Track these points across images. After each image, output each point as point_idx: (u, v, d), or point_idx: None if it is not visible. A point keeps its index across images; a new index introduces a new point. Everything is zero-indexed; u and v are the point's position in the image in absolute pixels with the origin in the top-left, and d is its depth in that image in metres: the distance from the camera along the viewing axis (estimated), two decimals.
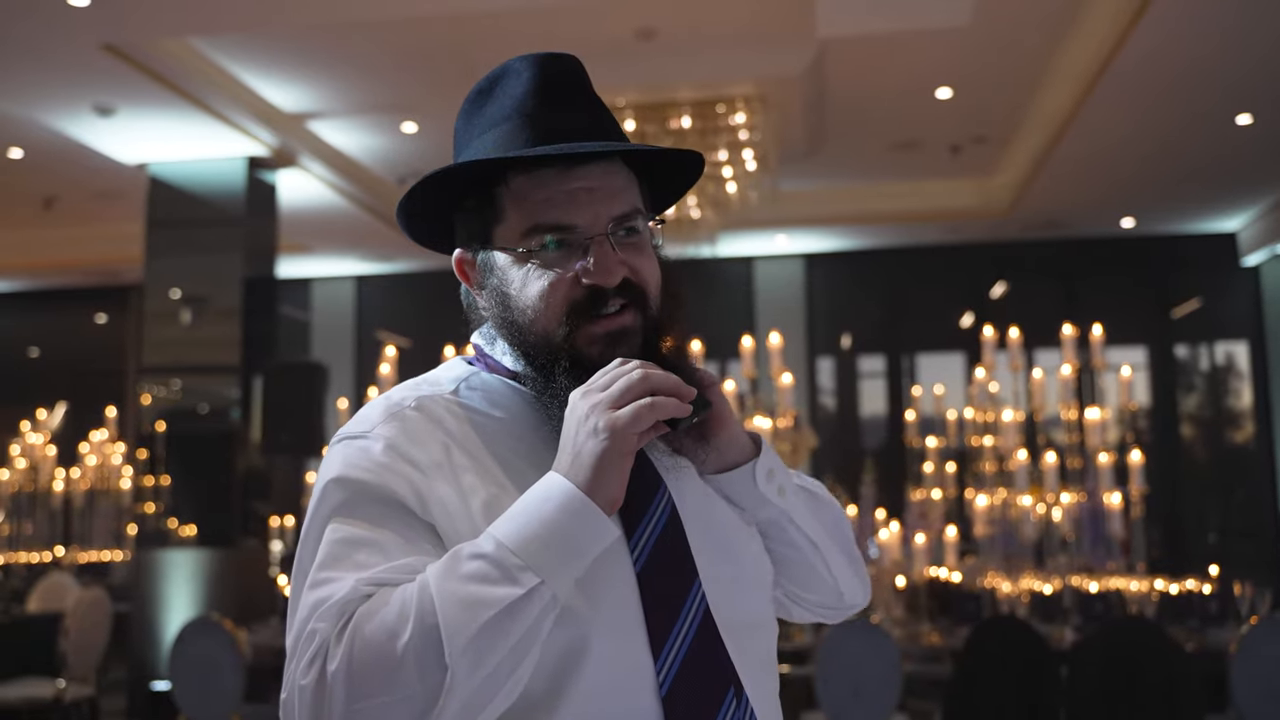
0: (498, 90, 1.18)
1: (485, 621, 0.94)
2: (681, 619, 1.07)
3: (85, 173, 8.12)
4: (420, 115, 7.37)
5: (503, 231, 1.16)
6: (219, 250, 7.57)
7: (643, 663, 1.05)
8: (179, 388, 7.65)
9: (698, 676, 1.06)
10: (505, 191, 1.15)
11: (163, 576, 7.19)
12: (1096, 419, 6.27)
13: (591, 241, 1.12)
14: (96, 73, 6.20)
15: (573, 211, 1.12)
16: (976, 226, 9.51)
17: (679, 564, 1.10)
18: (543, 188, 1.13)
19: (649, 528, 1.10)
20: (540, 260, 1.12)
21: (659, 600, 1.07)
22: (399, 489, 1.06)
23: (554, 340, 1.11)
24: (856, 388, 10.81)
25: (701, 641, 1.07)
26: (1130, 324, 10.03)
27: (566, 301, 1.11)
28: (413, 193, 1.19)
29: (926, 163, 8.51)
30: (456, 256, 1.22)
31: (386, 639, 0.94)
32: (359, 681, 0.93)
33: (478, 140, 1.18)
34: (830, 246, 10.35)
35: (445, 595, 0.95)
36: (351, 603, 0.98)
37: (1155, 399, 10.18)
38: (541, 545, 0.97)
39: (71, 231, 9.95)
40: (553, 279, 1.12)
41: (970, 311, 10.25)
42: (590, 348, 1.11)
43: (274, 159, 7.61)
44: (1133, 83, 6.36)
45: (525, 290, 1.13)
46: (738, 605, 1.13)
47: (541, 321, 1.12)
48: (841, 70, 6.72)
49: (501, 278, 1.15)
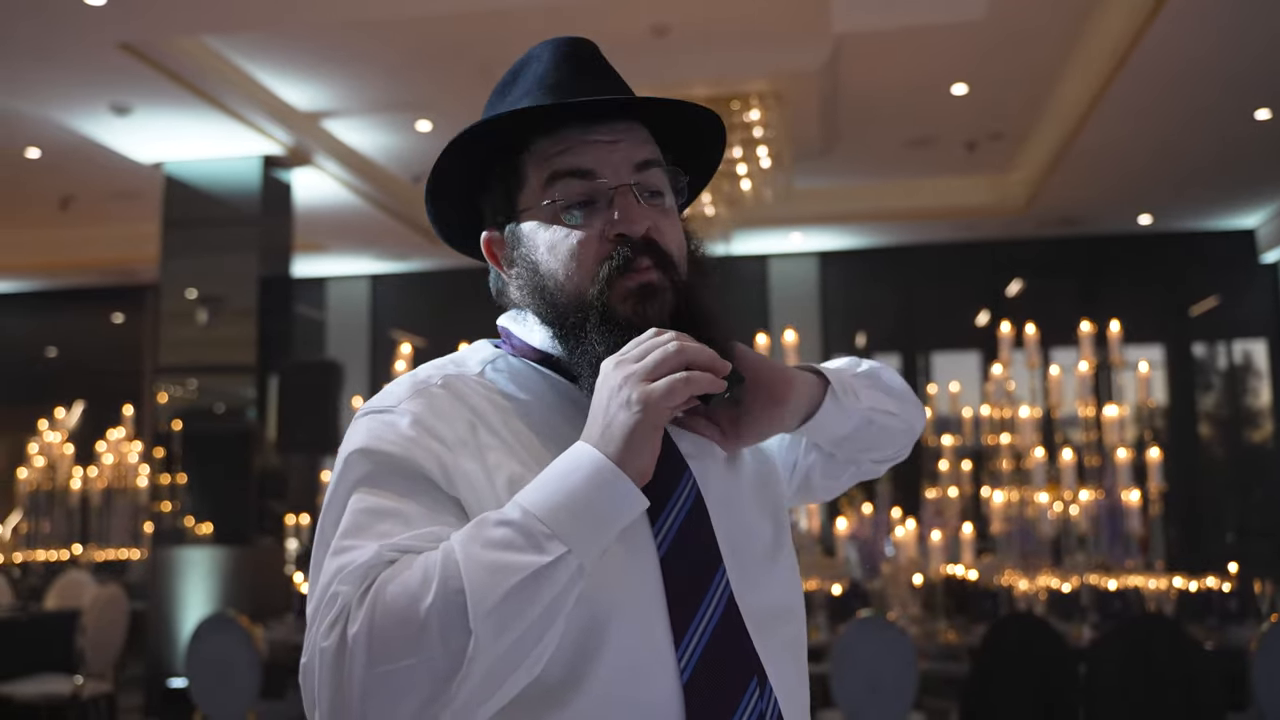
0: (521, 76, 1.19)
1: (511, 587, 0.92)
2: (704, 606, 1.06)
3: (102, 172, 8.16)
4: (435, 114, 7.38)
5: (526, 196, 1.16)
6: (234, 249, 7.59)
7: (664, 649, 1.04)
8: (195, 387, 7.67)
9: (720, 665, 1.05)
10: (528, 157, 1.16)
11: (179, 574, 7.21)
12: (1114, 416, 6.23)
13: (615, 193, 1.12)
14: (113, 72, 6.22)
15: (593, 159, 1.13)
16: (992, 224, 9.47)
17: (703, 550, 1.09)
18: (562, 142, 1.14)
19: (673, 513, 1.09)
20: (565, 212, 1.12)
21: (682, 587, 1.06)
22: (425, 463, 1.05)
23: (586, 297, 1.10)
24: None
25: (724, 629, 1.06)
26: (1148, 322, 9.97)
27: (597, 258, 1.11)
28: (438, 168, 1.18)
29: (942, 159, 8.48)
30: (485, 238, 1.21)
31: (409, 602, 0.92)
32: (380, 644, 0.91)
33: (493, 119, 1.17)
34: (845, 244, 10.32)
35: (470, 560, 0.93)
36: (375, 568, 0.96)
37: (1173, 398, 10.11)
38: (569, 515, 0.95)
39: (88, 231, 10.00)
40: (581, 237, 1.11)
41: (986, 310, 10.21)
42: (622, 304, 1.09)
43: (289, 158, 7.63)
44: (1150, 78, 6.32)
45: (555, 251, 1.12)
46: (763, 593, 1.12)
47: (575, 280, 1.11)
48: (856, 66, 6.69)
49: (530, 245, 1.15)
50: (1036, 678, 4.54)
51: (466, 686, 0.92)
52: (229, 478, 7.51)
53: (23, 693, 6.11)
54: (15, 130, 7.32)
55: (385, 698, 0.91)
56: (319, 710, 0.94)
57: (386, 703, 0.91)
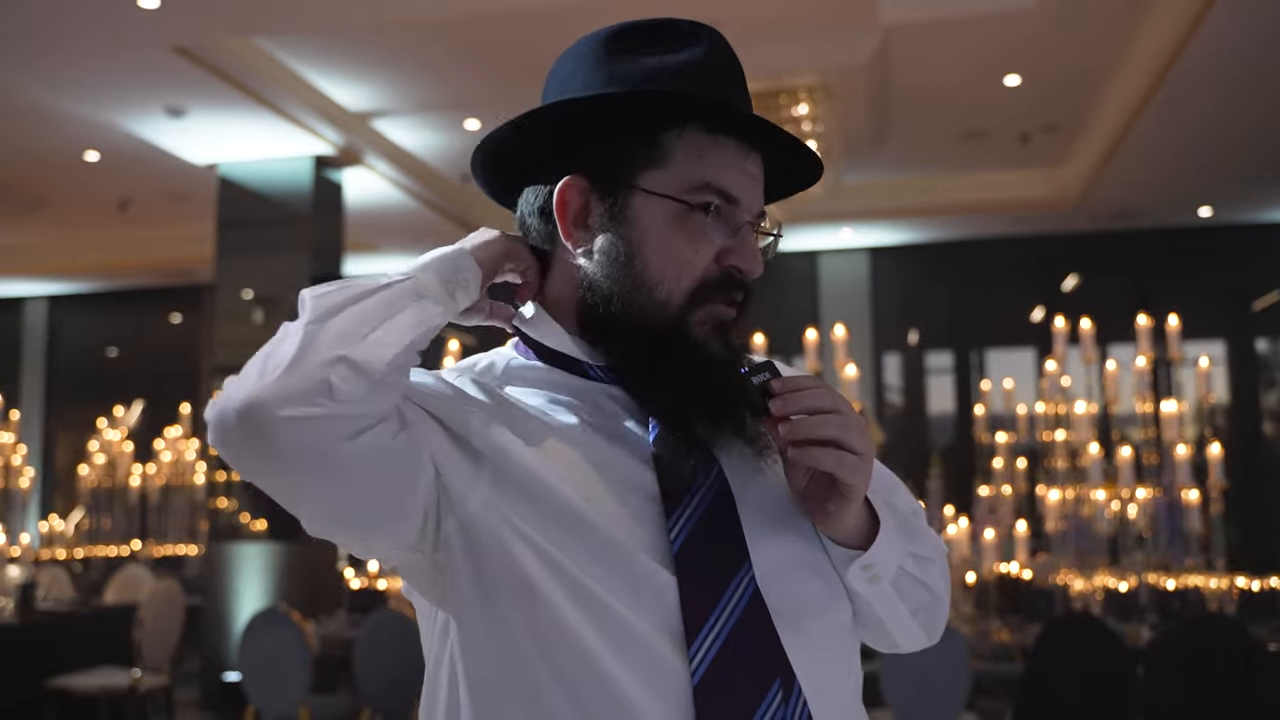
0: (662, 42, 1.10)
1: (345, 284, 1.01)
2: (723, 602, 1.00)
3: (158, 174, 8.29)
4: (483, 112, 7.40)
5: (660, 177, 1.07)
6: (287, 250, 7.67)
7: (673, 650, 0.98)
8: None
9: (737, 666, 0.99)
10: (678, 139, 1.08)
11: (234, 570, 7.31)
12: (1173, 412, 6.09)
13: (745, 225, 1.09)
14: (167, 74, 6.31)
15: (742, 189, 1.09)
16: (1046, 218, 9.32)
17: (726, 544, 1.03)
18: (722, 151, 1.08)
19: (692, 504, 1.04)
20: (705, 222, 1.07)
21: (698, 582, 1.00)
22: (453, 408, 1.07)
23: (673, 309, 1.06)
24: (924, 384, 10.65)
25: (746, 628, 1.00)
26: (1208, 317, 9.75)
27: (702, 275, 1.07)
28: (556, 108, 1.08)
29: (994, 152, 8.35)
30: (567, 182, 1.10)
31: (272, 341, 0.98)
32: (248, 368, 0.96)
33: (643, 78, 1.08)
34: (896, 239, 10.21)
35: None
36: None
37: (1235, 394, 9.88)
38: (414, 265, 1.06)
39: (146, 232, 10.18)
40: (702, 245, 1.07)
41: (1041, 305, 10.05)
42: (701, 326, 1.07)
43: (340, 158, 7.70)
44: (1207, 65, 6.17)
45: (662, 247, 1.06)
46: (798, 589, 1.06)
47: (669, 285, 1.06)
48: (906, 58, 6.61)
49: (633, 226, 1.07)
50: (1092, 679, 4.44)
51: (303, 334, 0.95)
52: None
53: (82, 685, 6.22)
54: (74, 134, 7.46)
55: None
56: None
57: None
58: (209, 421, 0.94)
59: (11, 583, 6.76)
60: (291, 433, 0.91)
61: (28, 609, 6.45)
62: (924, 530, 1.17)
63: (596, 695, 0.97)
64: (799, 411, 1.01)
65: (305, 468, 0.93)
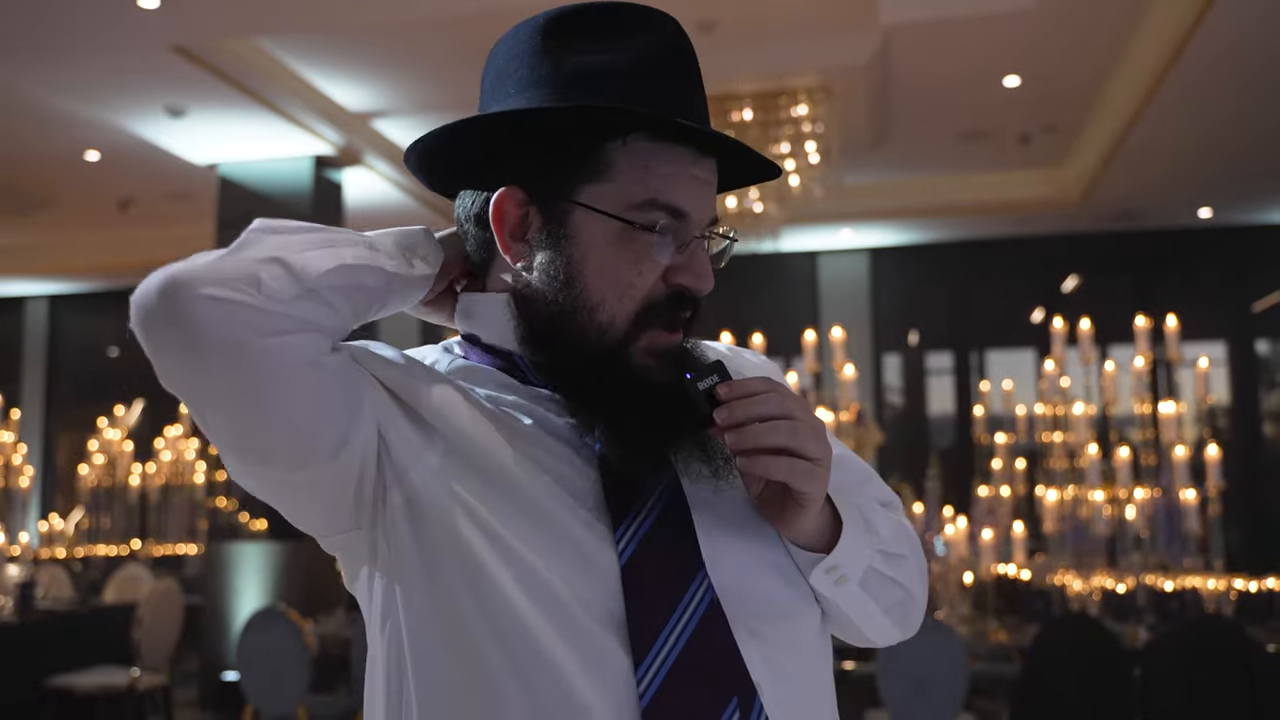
0: (606, 33, 1.03)
1: (300, 223, 1.00)
2: (676, 616, 0.95)
3: (158, 174, 8.30)
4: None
5: (602, 191, 1.01)
6: None
7: (619, 668, 0.93)
8: None
9: (691, 683, 0.93)
10: (621, 150, 1.01)
11: (234, 569, 7.31)
12: (1172, 413, 6.09)
13: (694, 241, 1.03)
14: (167, 74, 6.32)
15: (691, 201, 1.02)
16: (1046, 219, 9.32)
17: (679, 552, 0.98)
18: (671, 163, 1.02)
19: (641, 514, 0.99)
20: (644, 240, 1.00)
21: (648, 595, 0.95)
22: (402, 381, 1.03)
23: (614, 334, 1.00)
24: (924, 385, 10.66)
25: (701, 641, 0.95)
26: (1209, 319, 9.75)
27: (648, 297, 1.01)
28: (488, 119, 1.03)
29: (995, 153, 8.36)
30: (503, 194, 1.04)
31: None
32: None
33: (585, 81, 1.01)
34: (896, 240, 10.21)
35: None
36: None
37: (1235, 396, 9.88)
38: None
39: (147, 232, 10.18)
40: (646, 266, 1.00)
41: (1041, 307, 10.05)
42: (645, 357, 1.01)
43: (340, 158, 7.71)
44: (1208, 66, 6.17)
45: (603, 268, 1.00)
46: (759, 596, 1.01)
47: (611, 309, 1.00)
48: (906, 59, 6.61)
49: (574, 244, 1.01)
50: (1090, 680, 4.45)
51: (254, 233, 0.97)
52: None
53: (82, 684, 6.23)
54: (75, 133, 7.47)
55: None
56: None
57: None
58: (132, 301, 0.92)
59: (11, 582, 6.76)
60: (209, 312, 0.88)
61: (27, 608, 6.47)
62: (896, 525, 1.12)
63: (550, 692, 0.93)
64: (747, 419, 0.95)
65: (218, 355, 0.89)
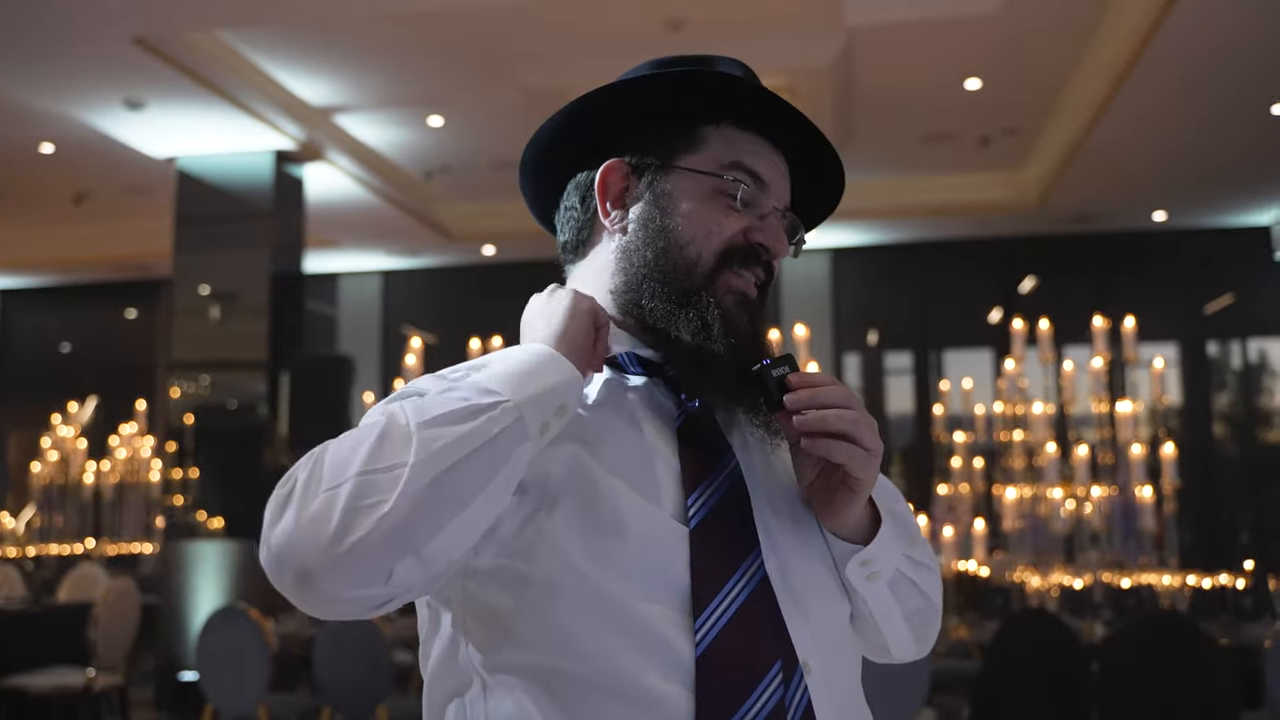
0: (702, 62, 1.20)
1: (453, 409, 0.96)
2: (733, 581, 1.04)
3: (115, 168, 8.19)
4: (447, 108, 7.38)
5: (694, 158, 1.17)
6: (247, 245, 7.61)
7: (679, 619, 1.01)
8: (207, 382, 7.70)
9: (742, 643, 1.01)
10: (715, 131, 1.18)
11: (191, 568, 7.23)
12: (1128, 413, 6.19)
13: (773, 212, 1.18)
14: (126, 66, 6.23)
15: (770, 174, 1.18)
16: (1006, 220, 9.43)
17: (739, 527, 1.08)
18: (753, 144, 1.18)
19: (711, 487, 1.08)
20: (734, 196, 1.15)
21: (710, 558, 1.04)
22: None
23: (702, 268, 1.13)
24: (883, 385, 10.74)
25: (753, 607, 1.03)
26: (1162, 320, 9.91)
27: (729, 241, 1.14)
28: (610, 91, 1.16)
29: (956, 155, 8.45)
30: (610, 164, 1.19)
31: (351, 442, 0.94)
32: (317, 478, 0.92)
33: (683, 63, 1.18)
34: (857, 240, 10.29)
35: (417, 403, 0.97)
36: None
37: (1187, 397, 10.05)
38: (504, 377, 1.01)
39: (102, 227, 10.04)
40: (728, 216, 1.15)
41: (999, 307, 10.17)
42: (725, 295, 1.13)
43: (301, 153, 7.64)
44: (1165, 72, 6.28)
45: (694, 214, 1.15)
46: (805, 577, 1.10)
47: (699, 245, 1.14)
48: (870, 61, 6.67)
49: (669, 198, 1.16)
50: (1049, 675, 4.51)
51: (403, 504, 0.90)
52: (241, 472, 7.54)
53: (36, 685, 6.13)
54: (30, 125, 7.35)
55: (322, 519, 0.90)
56: (269, 554, 0.92)
57: (322, 522, 0.90)
58: (263, 554, 0.94)
59: None
60: (342, 608, 0.94)
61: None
62: (921, 538, 1.23)
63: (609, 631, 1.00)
64: (814, 406, 1.05)
65: (344, 619, 0.97)
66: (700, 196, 1.15)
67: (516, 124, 6.75)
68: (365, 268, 11.08)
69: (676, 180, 1.16)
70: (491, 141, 7.83)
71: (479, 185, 8.89)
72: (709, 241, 1.14)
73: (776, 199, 1.18)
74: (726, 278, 1.14)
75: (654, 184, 1.17)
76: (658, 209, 1.16)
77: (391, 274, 11.21)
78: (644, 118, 1.19)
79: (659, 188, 1.17)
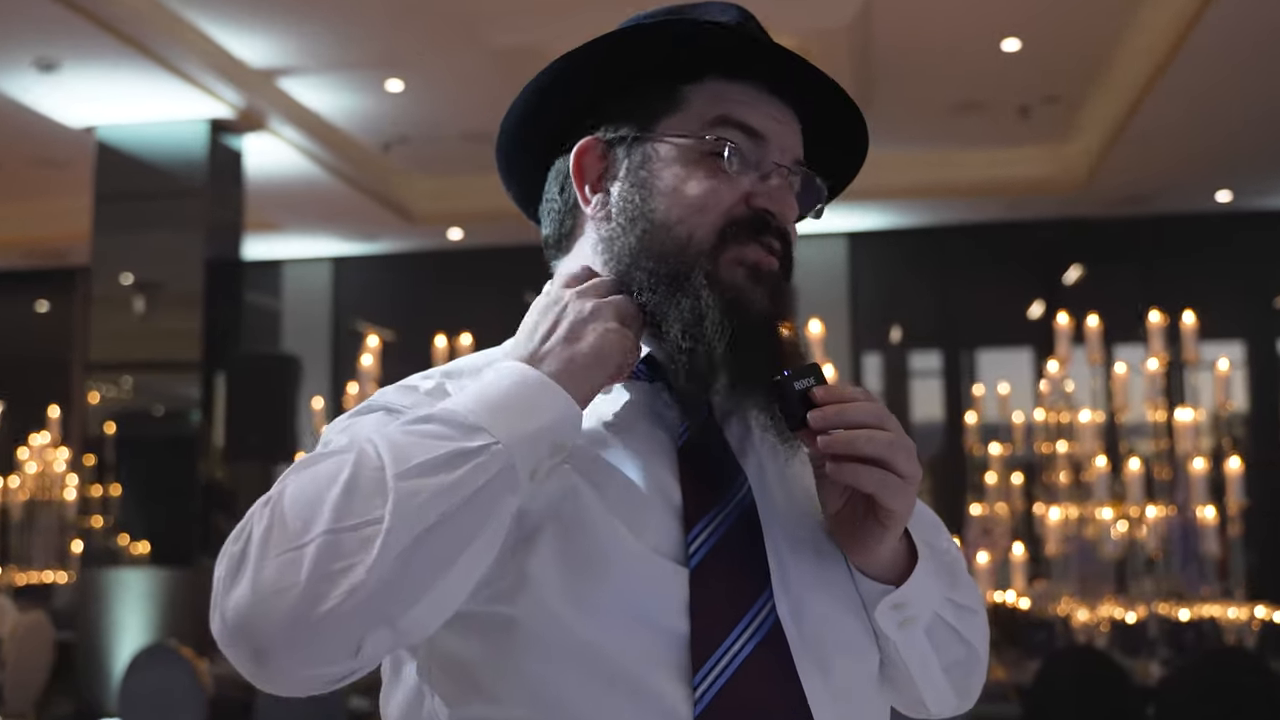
0: (691, 10, 1.19)
1: (434, 456, 0.92)
2: (740, 628, 1.02)
3: (24, 138, 8.16)
4: (408, 71, 7.37)
5: (675, 121, 1.15)
6: (177, 228, 7.60)
7: (676, 673, 0.99)
8: (131, 385, 7.68)
9: (748, 701, 1.00)
10: (695, 88, 1.16)
11: (112, 600, 7.21)
12: (1188, 421, 6.22)
13: (774, 169, 1.15)
14: (38, 21, 6.21)
15: (767, 125, 1.15)
16: (1048, 202, 9.45)
17: (748, 566, 1.06)
18: (744, 92, 1.15)
19: (715, 520, 1.06)
20: (723, 157, 1.12)
21: (714, 602, 1.02)
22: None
23: (696, 247, 1.10)
24: (908, 388, 10.77)
25: (761, 662, 1.02)
26: (1226, 315, 9.93)
27: (727, 213, 1.12)
28: (577, 59, 1.15)
29: (990, 127, 8.46)
30: (583, 143, 1.17)
31: (317, 485, 0.91)
32: (279, 531, 0.89)
33: (663, 14, 1.17)
34: (878, 224, 10.31)
35: (389, 437, 0.94)
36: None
37: (1255, 402, 10.09)
38: (490, 409, 0.97)
39: (10, 206, 10.00)
40: (723, 186, 1.12)
41: (1040, 300, 10.20)
42: (734, 269, 1.11)
43: (240, 122, 7.63)
44: (1230, 30, 6.29)
45: (683, 187, 1.12)
46: (826, 624, 1.08)
47: (690, 224, 1.11)
48: (892, 20, 6.68)
49: (653, 170, 1.14)
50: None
51: (379, 570, 0.87)
52: (170, 489, 7.52)
53: None
54: None
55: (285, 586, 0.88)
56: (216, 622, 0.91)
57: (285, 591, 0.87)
58: (215, 626, 0.91)
59: None
60: (301, 685, 0.92)
61: None
62: (965, 578, 1.21)
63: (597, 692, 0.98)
64: (842, 425, 1.03)
65: (302, 695, 0.96)
66: (685, 165, 1.13)
67: (486, 89, 6.75)
68: (313, 254, 11.06)
69: (654, 150, 1.15)
70: (458, 109, 7.82)
71: (444, 159, 8.88)
72: (702, 218, 1.11)
73: (779, 152, 1.15)
74: (735, 249, 1.11)
75: (631, 158, 1.15)
76: (636, 187, 1.14)
77: (343, 261, 11.19)
78: (626, 84, 1.17)
79: (636, 162, 1.15)
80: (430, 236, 10.47)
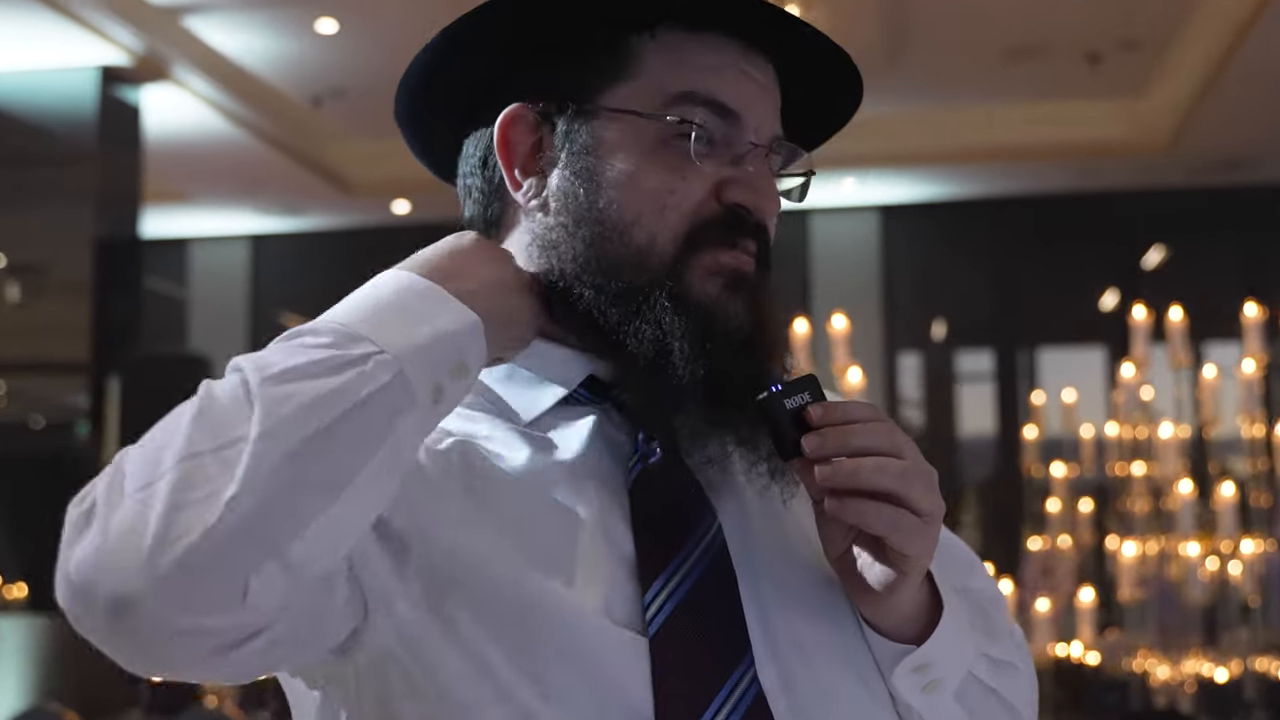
0: None
1: (306, 361, 0.92)
2: (714, 708, 1.00)
3: None
4: (342, 10, 7.36)
5: (627, 91, 1.12)
6: (60, 199, 7.59)
7: None
8: (3, 391, 7.67)
9: None
10: (648, 42, 1.12)
11: None
12: None
13: (752, 151, 1.12)
14: None
15: (742, 99, 1.12)
16: (1123, 168, 9.49)
17: (722, 628, 1.04)
18: (712, 53, 1.12)
19: (677, 573, 1.04)
20: (690, 139, 1.09)
21: (681, 676, 1.00)
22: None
23: (658, 258, 1.08)
24: (954, 396, 10.80)
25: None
26: None
27: (695, 213, 1.10)
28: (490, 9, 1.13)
29: (1053, 77, 8.48)
30: (510, 112, 1.14)
31: (172, 419, 0.92)
32: (130, 477, 0.89)
33: None
34: (916, 195, 10.33)
35: (252, 356, 0.94)
36: None
37: None
38: (369, 316, 0.97)
39: None
40: (688, 180, 1.10)
41: (1114, 289, 10.23)
42: (705, 282, 1.09)
43: (137, 70, 7.62)
44: None
45: (638, 178, 1.10)
46: (823, 698, 1.06)
47: (649, 227, 1.09)
48: None
49: (600, 156, 1.11)
50: None
51: (250, 489, 0.86)
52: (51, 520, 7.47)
53: None
54: None
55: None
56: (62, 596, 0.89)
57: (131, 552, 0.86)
58: (60, 589, 0.89)
59: None
60: (184, 647, 0.89)
61: None
62: (1003, 624, 1.18)
63: None
64: (844, 452, 1.01)
65: (181, 674, 0.96)
66: (641, 150, 1.10)
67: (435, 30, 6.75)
68: (227, 231, 11.06)
69: (602, 127, 1.11)
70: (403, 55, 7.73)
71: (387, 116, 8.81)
72: (664, 218, 1.09)
73: (755, 130, 1.13)
74: (706, 257, 1.09)
75: (572, 138, 1.12)
76: (579, 177, 1.11)
77: (264, 240, 11.20)
78: (562, 32, 1.13)
79: (579, 143, 1.12)
80: (370, 210, 10.47)
